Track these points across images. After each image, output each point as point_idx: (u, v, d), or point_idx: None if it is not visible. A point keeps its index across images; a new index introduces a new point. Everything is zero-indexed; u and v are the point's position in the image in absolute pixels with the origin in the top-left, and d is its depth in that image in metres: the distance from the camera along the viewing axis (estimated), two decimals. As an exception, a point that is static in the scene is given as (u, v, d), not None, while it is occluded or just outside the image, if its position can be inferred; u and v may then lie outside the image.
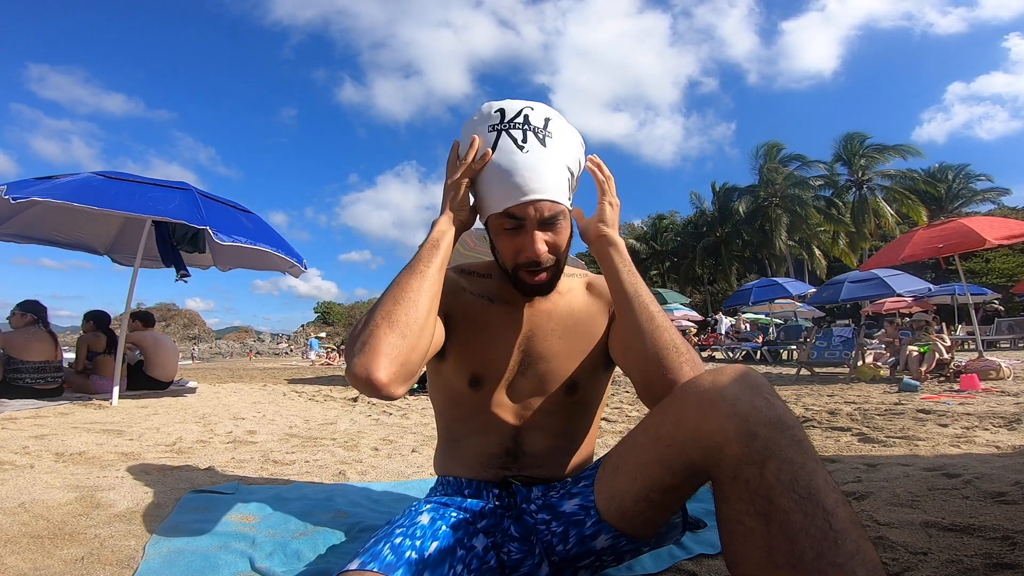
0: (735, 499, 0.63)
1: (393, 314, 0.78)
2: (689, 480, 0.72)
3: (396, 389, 0.76)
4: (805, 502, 0.59)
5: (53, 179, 3.86)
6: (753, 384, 0.69)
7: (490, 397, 0.97)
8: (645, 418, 0.79)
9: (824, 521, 0.57)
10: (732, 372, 0.71)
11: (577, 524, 0.85)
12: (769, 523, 0.59)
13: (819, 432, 2.76)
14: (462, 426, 1.01)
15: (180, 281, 4.56)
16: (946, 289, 13.58)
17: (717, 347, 13.73)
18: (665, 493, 0.74)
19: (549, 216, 0.88)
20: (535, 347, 0.97)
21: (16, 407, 3.55)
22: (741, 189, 31.04)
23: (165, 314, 49.92)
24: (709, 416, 0.67)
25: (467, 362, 0.97)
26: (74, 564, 1.08)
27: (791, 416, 0.66)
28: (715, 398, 0.67)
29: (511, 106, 0.90)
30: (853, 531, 0.58)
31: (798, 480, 0.60)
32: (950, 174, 29.05)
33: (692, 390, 0.72)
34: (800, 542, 0.57)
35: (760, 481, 0.61)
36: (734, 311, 15.76)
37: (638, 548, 0.87)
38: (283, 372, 10.85)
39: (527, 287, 0.93)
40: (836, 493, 0.61)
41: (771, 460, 0.61)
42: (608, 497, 0.81)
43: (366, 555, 0.78)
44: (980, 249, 6.33)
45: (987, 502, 1.38)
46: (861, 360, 6.47)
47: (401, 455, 2.38)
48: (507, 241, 0.91)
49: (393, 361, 0.75)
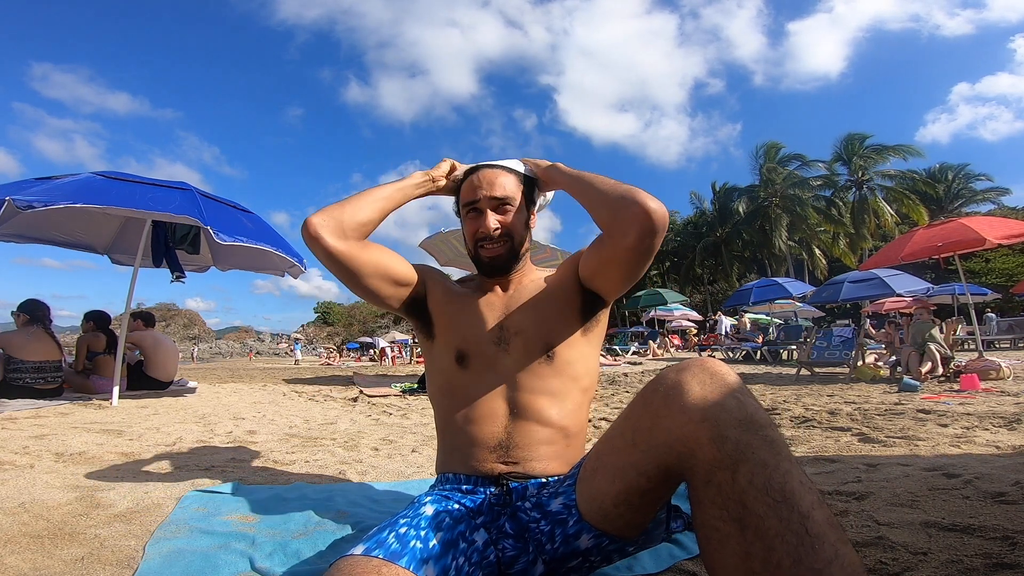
0: (709, 504, 0.62)
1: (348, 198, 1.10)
2: (664, 483, 0.71)
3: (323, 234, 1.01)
4: (780, 506, 0.57)
5: (53, 179, 3.86)
6: (722, 382, 0.67)
7: (478, 377, 1.05)
8: (619, 419, 0.79)
9: (800, 526, 0.56)
10: (699, 370, 0.69)
11: (561, 523, 0.85)
12: (744, 529, 0.58)
13: (819, 432, 2.75)
14: (456, 415, 1.04)
15: (176, 282, 4.56)
16: (946, 289, 13.58)
17: (717, 347, 13.74)
18: (643, 496, 0.74)
19: (500, 196, 1.10)
20: (512, 322, 1.08)
21: (16, 407, 3.54)
22: (741, 189, 31.06)
23: (165, 314, 49.95)
24: (679, 420, 0.66)
25: (452, 338, 1.10)
26: (74, 564, 1.08)
27: (762, 415, 0.65)
28: (684, 401, 0.66)
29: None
30: (831, 534, 0.57)
31: (771, 483, 0.59)
32: (950, 174, 29.06)
33: (661, 392, 0.71)
34: (777, 548, 0.56)
35: (733, 486, 0.60)
36: (734, 311, 15.76)
37: (623, 548, 0.87)
38: (283, 372, 10.85)
39: (487, 265, 1.12)
40: (812, 494, 0.59)
41: (743, 463, 0.60)
42: (588, 498, 0.81)
43: (371, 541, 0.79)
44: (980, 249, 6.33)
45: (987, 502, 1.38)
46: (861, 360, 6.47)
47: (401, 455, 2.38)
48: (469, 224, 1.14)
49: (327, 215, 1.03)
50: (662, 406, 0.69)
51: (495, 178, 1.11)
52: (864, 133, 27.93)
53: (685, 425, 0.65)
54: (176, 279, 4.53)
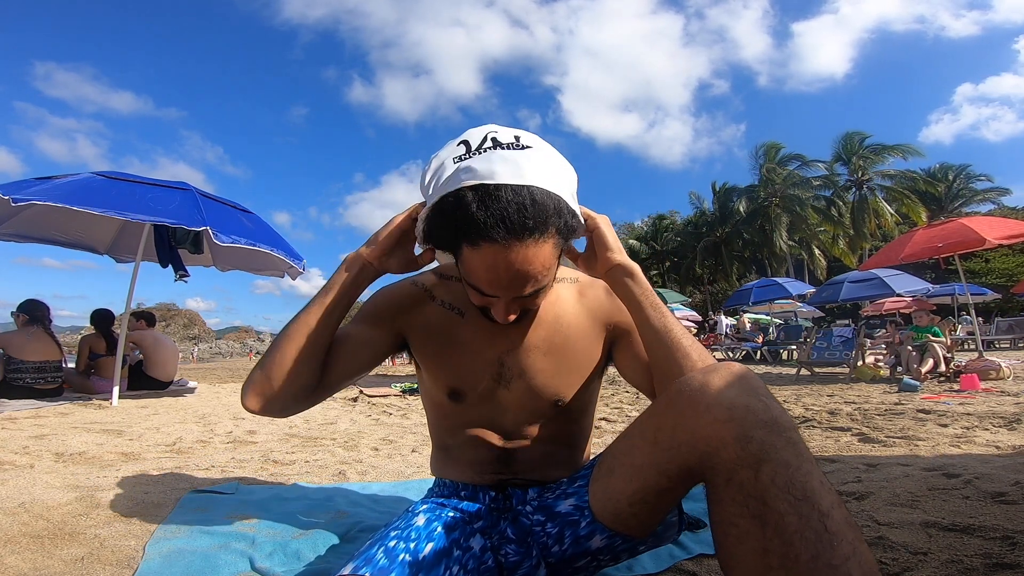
0: (729, 502, 0.63)
1: (269, 355, 0.86)
2: (683, 483, 0.71)
3: (270, 414, 0.88)
4: (800, 504, 0.58)
5: (53, 179, 3.87)
6: (748, 385, 0.68)
7: (474, 410, 0.94)
8: (640, 418, 0.78)
9: (819, 523, 0.57)
10: (727, 373, 0.69)
11: (572, 524, 0.84)
12: (764, 526, 0.59)
13: (819, 432, 2.75)
14: (451, 436, 1.00)
15: (179, 281, 4.56)
16: (946, 289, 13.58)
17: (717, 347, 13.73)
18: (660, 495, 0.74)
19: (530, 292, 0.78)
20: (516, 362, 0.91)
21: (16, 407, 3.55)
22: (741, 189, 31.05)
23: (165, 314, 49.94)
24: (704, 420, 0.66)
25: (442, 376, 0.94)
26: (74, 564, 1.08)
27: (786, 417, 0.65)
28: (710, 401, 0.66)
29: (475, 135, 0.79)
30: (849, 533, 0.57)
31: (793, 482, 0.59)
32: (950, 174, 29.05)
33: (687, 392, 0.70)
34: (795, 544, 0.57)
35: (755, 484, 0.61)
36: (735, 311, 15.76)
37: (634, 547, 0.87)
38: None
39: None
40: (831, 495, 0.60)
41: (766, 463, 0.61)
42: (603, 498, 0.81)
43: (359, 559, 0.78)
44: (980, 249, 6.33)
45: (987, 502, 1.38)
46: (861, 360, 6.46)
47: (401, 455, 2.38)
48: (475, 295, 0.82)
49: (259, 396, 0.85)
50: (687, 406, 0.68)
51: (527, 266, 0.73)
52: (863, 132, 27.96)
53: (711, 425, 0.65)
54: (180, 278, 4.54)
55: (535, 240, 0.72)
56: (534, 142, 0.78)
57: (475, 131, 0.80)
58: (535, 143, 0.78)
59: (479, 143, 0.76)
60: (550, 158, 0.77)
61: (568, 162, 0.81)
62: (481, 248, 0.72)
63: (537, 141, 0.79)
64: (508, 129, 0.79)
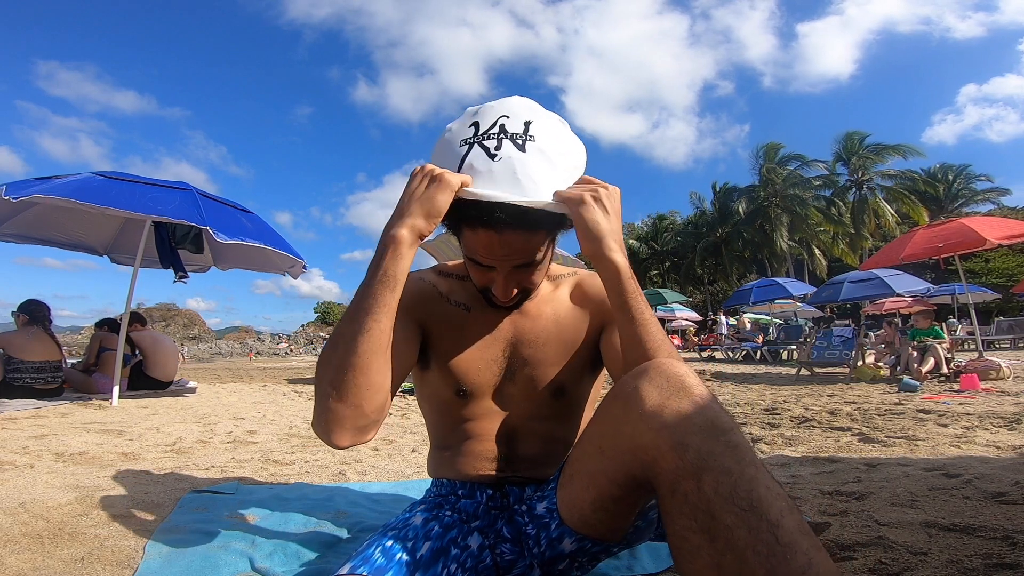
0: (677, 514, 0.60)
1: (343, 384, 0.73)
2: (636, 491, 0.69)
3: (360, 442, 0.79)
4: (748, 515, 0.55)
5: (53, 179, 3.86)
6: (680, 385, 0.64)
7: (478, 405, 0.95)
8: (589, 424, 0.76)
9: (770, 535, 0.54)
10: (655, 373, 0.66)
11: (545, 527, 0.84)
12: (714, 540, 0.56)
13: (819, 432, 2.75)
14: (452, 433, 0.99)
15: (179, 282, 4.57)
16: (946, 289, 13.57)
17: (717, 347, 13.73)
18: (617, 503, 0.72)
19: (524, 263, 0.82)
20: (520, 354, 0.94)
21: (16, 407, 3.54)
22: (741, 189, 31.06)
23: (165, 314, 49.89)
24: (639, 428, 0.63)
25: (452, 373, 0.93)
26: (74, 564, 1.08)
27: (725, 418, 0.62)
28: (643, 408, 0.64)
29: (487, 115, 0.80)
30: (803, 542, 0.54)
31: (737, 491, 0.56)
32: (950, 174, 29.05)
33: (621, 398, 0.68)
34: (749, 560, 0.54)
35: (699, 495, 0.58)
36: (735, 311, 15.76)
37: (607, 549, 0.84)
38: (283, 372, 10.84)
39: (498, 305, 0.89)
40: (781, 500, 0.57)
41: (707, 472, 0.58)
42: (568, 504, 0.79)
43: (357, 559, 0.78)
44: (980, 249, 6.33)
45: (987, 502, 1.38)
46: (861, 360, 6.47)
47: (401, 455, 2.38)
48: (476, 271, 0.86)
49: (347, 430, 0.75)
50: (621, 414, 0.66)
51: (521, 245, 0.80)
52: (863, 132, 27.97)
53: (644, 433, 0.63)
54: (179, 279, 4.54)
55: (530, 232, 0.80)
56: (541, 131, 0.79)
57: (488, 109, 0.81)
58: (542, 132, 0.78)
59: (488, 126, 0.78)
60: (551, 151, 0.78)
61: (576, 138, 0.84)
62: (478, 232, 0.79)
63: (544, 128, 0.79)
64: (521, 111, 0.80)
